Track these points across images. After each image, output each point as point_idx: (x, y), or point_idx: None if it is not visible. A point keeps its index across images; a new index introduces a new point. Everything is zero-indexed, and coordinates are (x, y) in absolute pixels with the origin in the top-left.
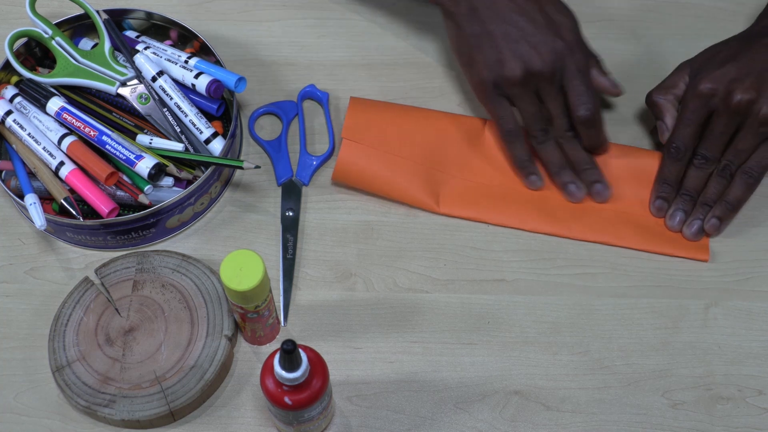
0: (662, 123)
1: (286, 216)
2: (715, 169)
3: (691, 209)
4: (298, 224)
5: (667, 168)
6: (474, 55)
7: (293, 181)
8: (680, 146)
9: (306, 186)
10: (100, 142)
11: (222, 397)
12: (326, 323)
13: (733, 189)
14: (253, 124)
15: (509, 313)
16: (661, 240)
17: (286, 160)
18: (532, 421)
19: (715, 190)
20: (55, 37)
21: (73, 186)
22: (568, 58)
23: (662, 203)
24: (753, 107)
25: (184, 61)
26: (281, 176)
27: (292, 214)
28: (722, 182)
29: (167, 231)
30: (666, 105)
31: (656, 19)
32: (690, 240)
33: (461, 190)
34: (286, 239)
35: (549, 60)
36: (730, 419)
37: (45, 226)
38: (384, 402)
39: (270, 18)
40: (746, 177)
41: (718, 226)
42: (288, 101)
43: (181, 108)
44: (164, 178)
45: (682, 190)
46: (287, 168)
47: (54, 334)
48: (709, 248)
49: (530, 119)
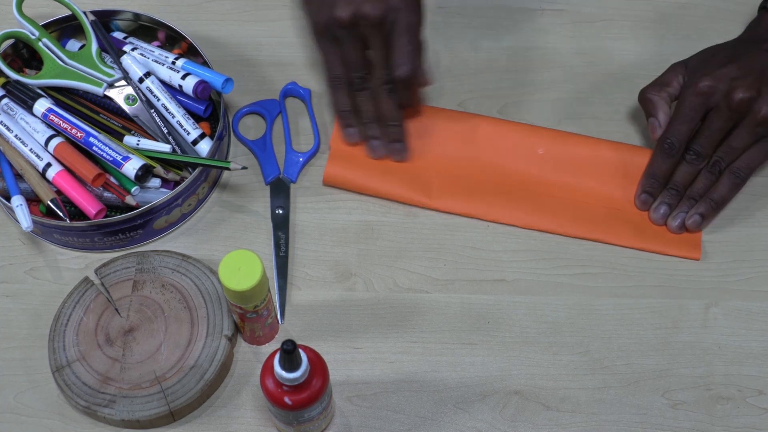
0: (655, 120)
1: (276, 214)
2: (704, 166)
3: (677, 204)
4: (289, 222)
5: (657, 163)
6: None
7: (281, 178)
8: (674, 142)
9: (294, 183)
10: (87, 144)
11: (222, 397)
12: (326, 323)
13: (720, 187)
14: (238, 125)
15: (509, 313)
16: (652, 238)
17: (272, 159)
18: (532, 421)
19: (702, 185)
20: (42, 38)
21: (60, 187)
22: (402, 13)
23: (647, 197)
24: (753, 106)
25: (172, 62)
26: (268, 175)
27: (282, 211)
28: (710, 178)
29: (155, 232)
30: (659, 102)
31: (656, 19)
32: (674, 233)
33: (453, 185)
34: (277, 237)
35: (380, 8)
36: (730, 419)
37: (31, 227)
38: (384, 402)
39: (270, 18)
40: (734, 177)
41: (700, 223)
42: (271, 100)
43: (169, 109)
44: (151, 180)
45: (670, 185)
46: (274, 166)
47: (54, 334)
48: (701, 247)
49: (351, 64)
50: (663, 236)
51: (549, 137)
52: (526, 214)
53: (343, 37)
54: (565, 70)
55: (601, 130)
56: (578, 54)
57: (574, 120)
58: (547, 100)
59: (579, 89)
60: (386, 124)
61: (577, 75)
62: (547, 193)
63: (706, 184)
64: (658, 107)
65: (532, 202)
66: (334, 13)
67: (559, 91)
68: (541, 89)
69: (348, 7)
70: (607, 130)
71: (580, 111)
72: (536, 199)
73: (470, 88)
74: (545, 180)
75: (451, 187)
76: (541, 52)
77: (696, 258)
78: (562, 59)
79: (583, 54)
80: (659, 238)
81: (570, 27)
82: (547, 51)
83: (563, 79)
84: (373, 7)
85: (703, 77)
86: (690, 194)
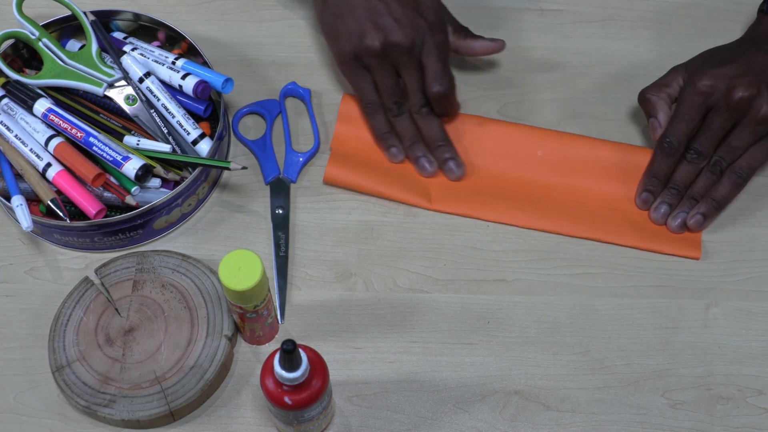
0: (655, 120)
1: (276, 214)
2: (705, 165)
3: (677, 203)
4: (289, 221)
5: (658, 162)
6: (337, 26)
7: (281, 178)
8: (674, 142)
9: (294, 183)
10: (87, 144)
11: (222, 397)
12: (326, 323)
13: (721, 187)
14: (238, 125)
15: (509, 313)
16: (652, 237)
17: (272, 159)
18: (532, 421)
19: (703, 185)
20: (42, 38)
21: (60, 187)
22: (428, 36)
23: (648, 196)
24: (753, 104)
25: (172, 62)
26: (268, 175)
27: (282, 211)
28: (711, 178)
29: (155, 232)
30: (659, 102)
31: (656, 19)
32: (674, 232)
33: (452, 187)
34: (277, 237)
35: (409, 34)
36: (730, 419)
37: (31, 227)
38: (384, 402)
39: (270, 18)
40: (735, 177)
41: (702, 222)
42: (271, 100)
43: (169, 109)
44: (151, 180)
45: (670, 184)
46: (274, 166)
47: (54, 334)
48: (701, 246)
49: (385, 92)
50: (663, 236)
51: (548, 138)
52: (525, 216)
53: (373, 65)
54: (565, 70)
55: (601, 130)
56: (578, 54)
57: (574, 120)
58: (547, 100)
59: (579, 89)
60: (435, 146)
61: (577, 75)
62: (546, 195)
63: (707, 183)
64: (657, 107)
65: (532, 203)
66: (364, 43)
67: (559, 91)
68: (541, 89)
69: (377, 36)
70: (607, 130)
71: (580, 111)
72: (536, 201)
73: (470, 88)
74: (545, 181)
75: (451, 190)
76: (541, 52)
77: (696, 257)
78: (562, 59)
79: (583, 54)
80: (659, 237)
81: (570, 27)
82: (547, 51)
83: (563, 79)
84: (403, 34)
85: (703, 77)
86: (691, 194)
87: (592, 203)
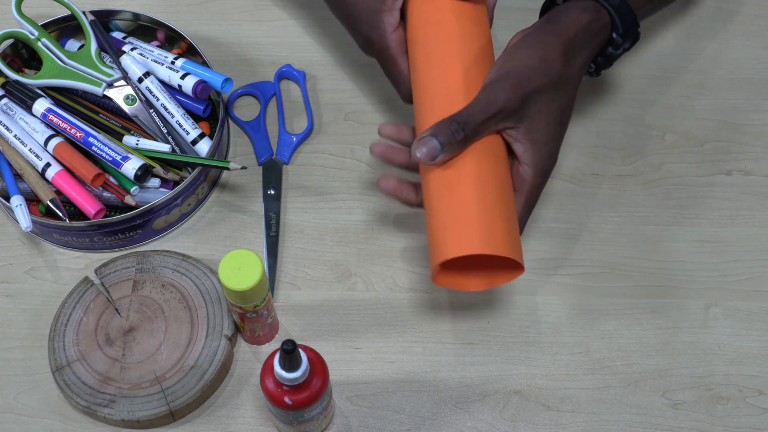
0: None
1: (268, 195)
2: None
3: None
4: (280, 202)
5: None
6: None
7: (273, 159)
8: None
9: (286, 164)
10: (87, 144)
11: (222, 397)
12: (326, 323)
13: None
14: (232, 106)
15: (509, 313)
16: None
17: (265, 139)
18: (532, 421)
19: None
20: (42, 38)
21: (60, 187)
22: None
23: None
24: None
25: (171, 62)
26: (261, 155)
27: (274, 192)
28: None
29: (154, 232)
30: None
31: (656, 19)
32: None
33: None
34: (269, 217)
35: None
36: (730, 419)
37: (31, 228)
38: (384, 402)
39: (269, 18)
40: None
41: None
42: (265, 81)
43: (168, 109)
44: (151, 179)
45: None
46: (267, 147)
47: (54, 334)
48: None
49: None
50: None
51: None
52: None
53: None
54: None
55: (601, 130)
56: None
57: (574, 120)
58: None
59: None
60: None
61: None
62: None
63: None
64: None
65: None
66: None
67: None
68: None
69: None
70: (607, 129)
71: (579, 111)
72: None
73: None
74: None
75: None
76: None
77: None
78: None
79: None
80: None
81: None
82: None
83: None
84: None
85: (545, 158)
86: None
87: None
